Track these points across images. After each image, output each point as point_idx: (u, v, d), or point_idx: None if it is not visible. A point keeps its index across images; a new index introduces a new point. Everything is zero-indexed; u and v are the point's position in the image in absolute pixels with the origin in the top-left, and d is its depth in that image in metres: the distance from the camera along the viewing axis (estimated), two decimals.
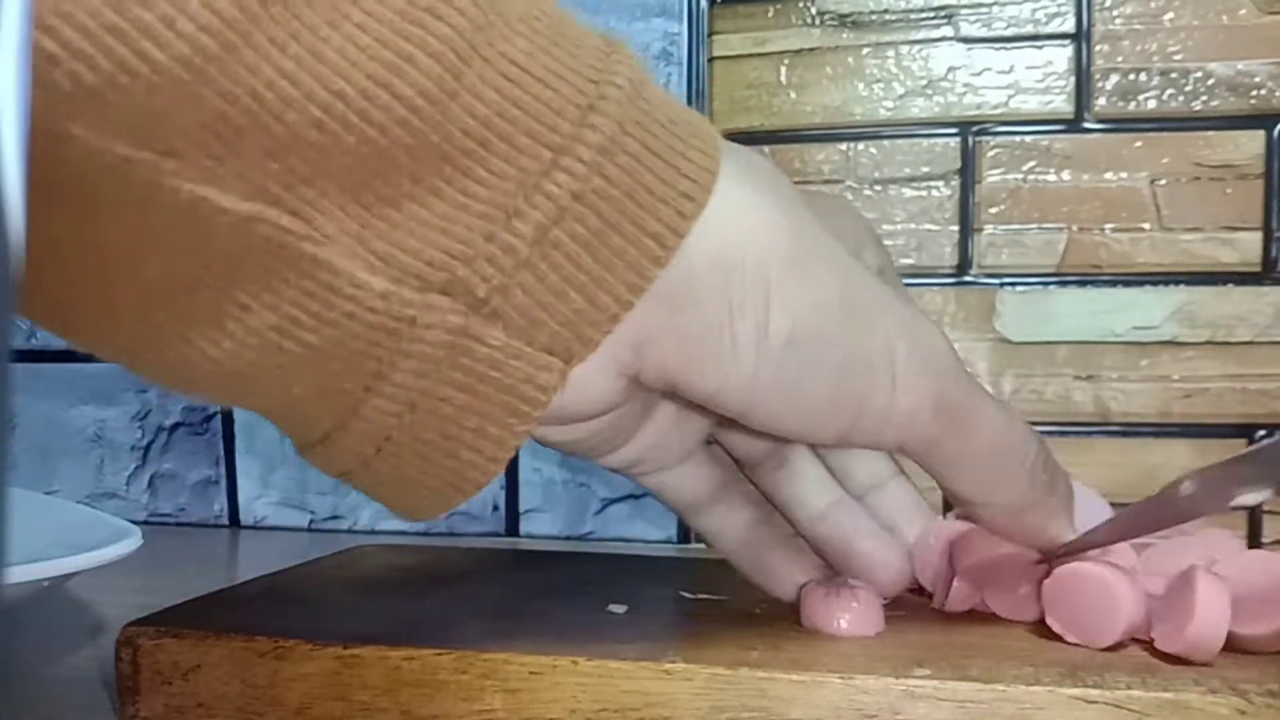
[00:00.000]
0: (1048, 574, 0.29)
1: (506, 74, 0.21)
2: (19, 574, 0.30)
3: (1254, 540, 0.49)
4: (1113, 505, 0.31)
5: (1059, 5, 0.51)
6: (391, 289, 0.21)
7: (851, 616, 0.28)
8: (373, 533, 0.59)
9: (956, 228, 0.52)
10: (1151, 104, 0.50)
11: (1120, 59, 0.50)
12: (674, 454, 0.30)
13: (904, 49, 0.52)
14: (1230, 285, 0.50)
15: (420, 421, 0.23)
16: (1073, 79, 0.51)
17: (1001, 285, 0.51)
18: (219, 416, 0.61)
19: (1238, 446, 0.49)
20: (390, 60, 0.19)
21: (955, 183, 0.52)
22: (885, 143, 0.52)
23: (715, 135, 0.24)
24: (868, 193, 0.52)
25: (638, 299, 0.23)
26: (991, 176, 0.51)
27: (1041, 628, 0.29)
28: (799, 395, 0.25)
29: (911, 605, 0.32)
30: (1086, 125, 0.51)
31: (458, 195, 0.21)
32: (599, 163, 0.22)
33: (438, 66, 0.20)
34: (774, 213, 0.24)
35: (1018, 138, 0.51)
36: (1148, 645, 0.27)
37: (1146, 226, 0.50)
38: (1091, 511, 0.30)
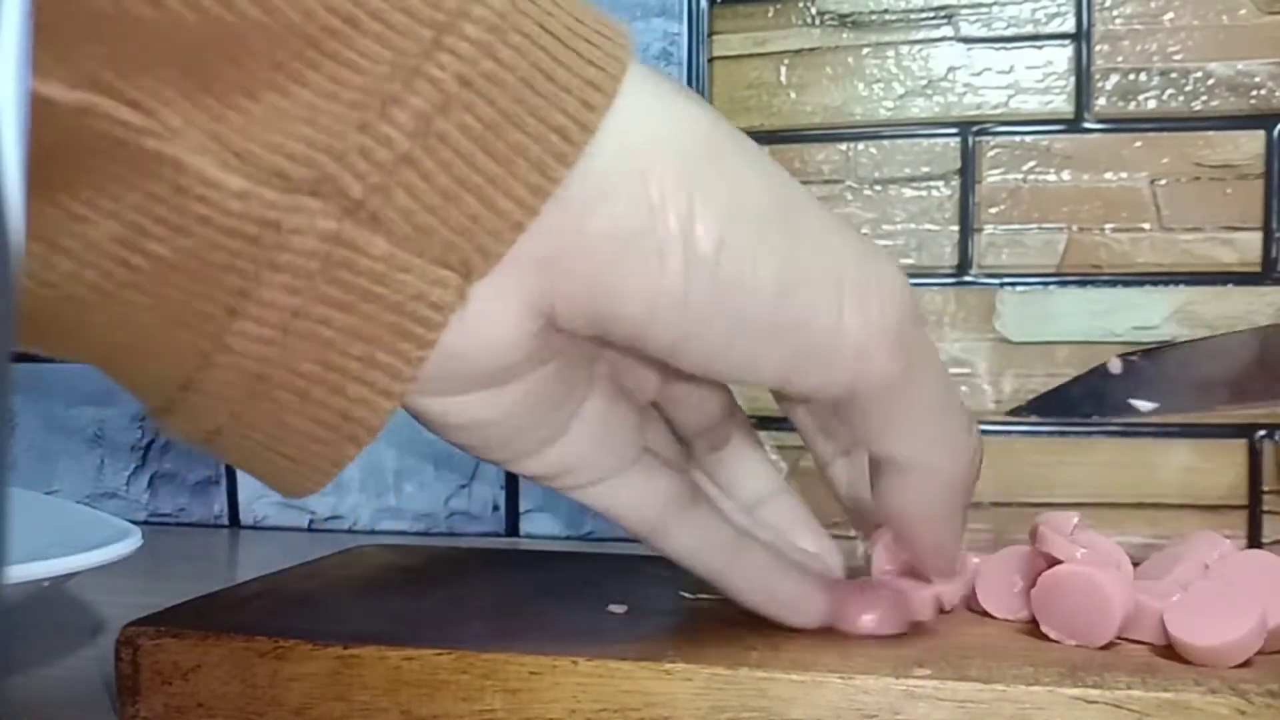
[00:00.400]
0: (1048, 566, 0.29)
1: None
2: (19, 574, 0.30)
3: (1254, 540, 0.49)
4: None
5: (1059, 5, 0.51)
6: (250, 188, 0.18)
7: (877, 615, 0.28)
8: (373, 533, 0.59)
9: (956, 228, 0.52)
10: (1151, 104, 0.50)
11: (1120, 59, 0.50)
12: (611, 456, 0.27)
13: (904, 49, 0.52)
14: (1230, 285, 0.50)
15: (297, 349, 0.20)
16: (1073, 79, 0.51)
17: (1001, 285, 0.51)
18: None
19: (1238, 447, 0.49)
20: None
21: (955, 183, 0.52)
22: (885, 143, 0.52)
23: (621, 24, 0.22)
24: (868, 193, 0.52)
25: (543, 203, 0.20)
26: (991, 176, 0.51)
27: (1040, 627, 0.29)
28: (739, 313, 0.22)
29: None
30: (1086, 125, 0.51)
31: (325, 82, 0.18)
32: (488, 42, 0.19)
33: None
34: (692, 109, 0.22)
35: (1018, 138, 0.51)
36: (1148, 645, 0.28)
37: (1146, 226, 0.50)
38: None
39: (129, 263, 0.19)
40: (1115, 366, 0.34)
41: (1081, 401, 0.40)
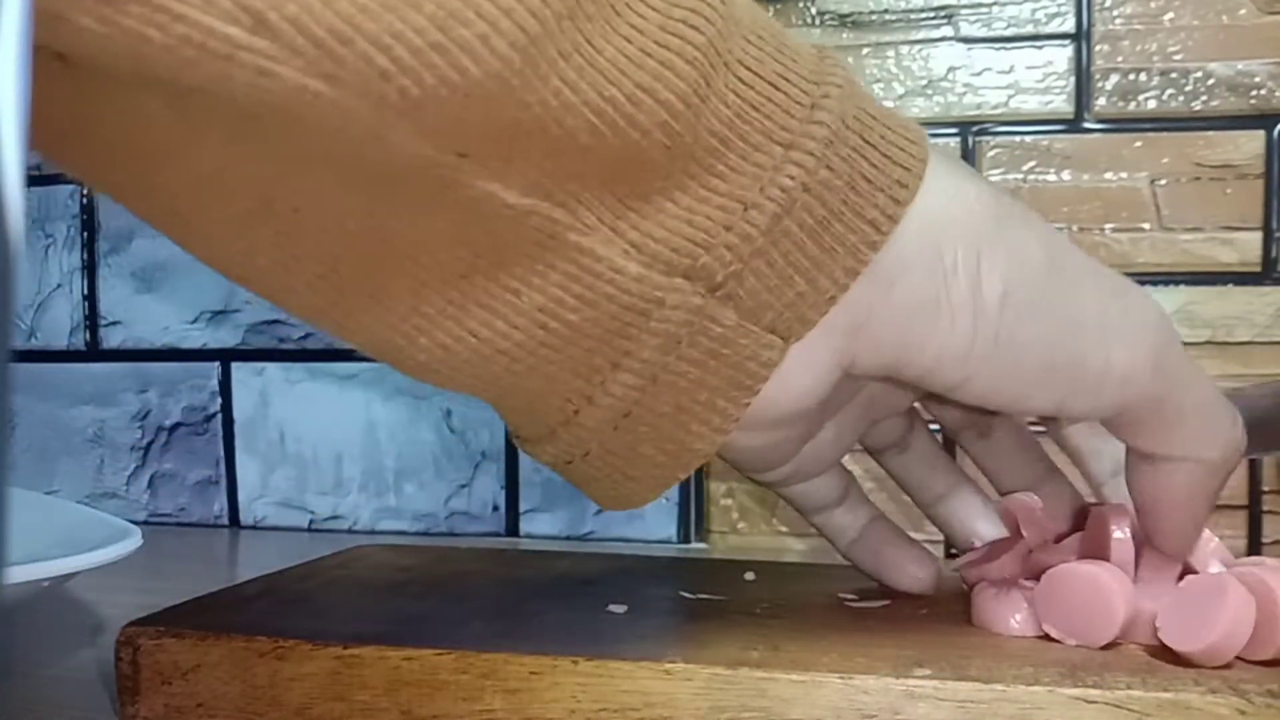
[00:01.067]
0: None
1: (743, 79, 0.23)
2: (19, 574, 0.30)
3: (1254, 539, 0.49)
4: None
5: (1059, 5, 0.51)
6: (645, 274, 0.23)
7: (1023, 616, 0.29)
8: (373, 533, 0.59)
9: None
10: (1151, 104, 0.50)
11: (1120, 59, 0.50)
12: (820, 468, 0.31)
13: (904, 49, 0.52)
14: (1230, 285, 0.50)
15: (659, 395, 0.25)
16: (1073, 79, 0.51)
17: None
18: (219, 416, 0.61)
19: None
20: (654, 68, 0.21)
21: None
22: None
23: (920, 128, 0.26)
24: None
25: (854, 281, 0.24)
26: (991, 176, 0.51)
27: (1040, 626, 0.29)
28: (1015, 360, 0.25)
29: (909, 603, 0.32)
30: (1086, 125, 0.51)
31: (700, 189, 0.23)
32: (825, 156, 0.24)
33: (694, 73, 0.22)
34: (975, 187, 0.26)
35: (1018, 138, 0.51)
36: (1148, 645, 0.27)
37: (1146, 226, 0.50)
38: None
39: (547, 326, 0.23)
40: None
41: None
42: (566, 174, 0.22)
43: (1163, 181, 0.50)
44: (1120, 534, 0.29)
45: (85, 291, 0.62)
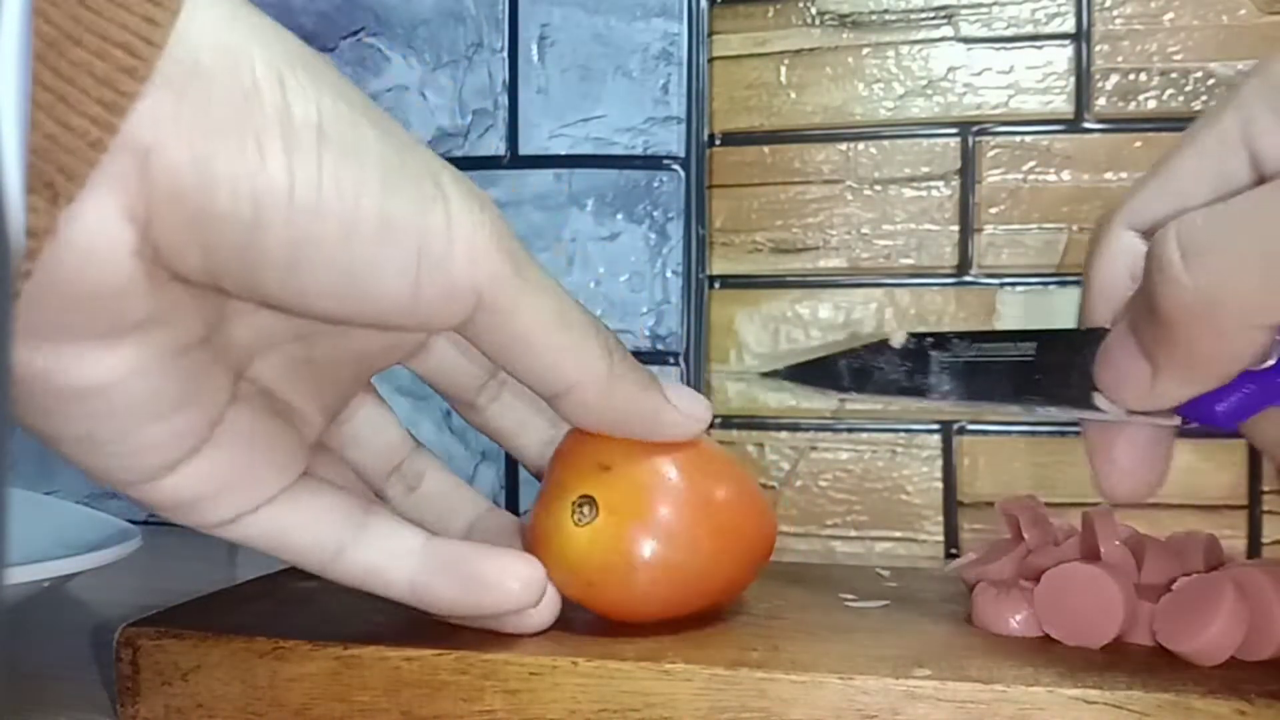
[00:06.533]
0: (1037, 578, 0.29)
1: None
2: (19, 574, 0.30)
3: (1253, 540, 0.49)
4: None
5: (1059, 5, 0.51)
6: None
7: (1023, 616, 0.29)
8: None
9: (956, 228, 0.52)
10: (1151, 104, 0.50)
11: (1120, 59, 0.50)
12: (271, 470, 0.26)
13: (904, 49, 0.52)
14: None
15: None
16: (1073, 79, 0.51)
17: (1001, 285, 0.51)
18: None
19: (1238, 447, 0.49)
20: None
21: (955, 183, 0.52)
22: (885, 143, 0.52)
23: None
24: (868, 193, 0.52)
25: (121, 120, 0.20)
26: (991, 176, 0.51)
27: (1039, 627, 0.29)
28: (346, 211, 0.22)
29: (909, 603, 0.32)
30: (1086, 125, 0.51)
31: None
32: None
33: None
34: (268, 18, 0.23)
35: (1018, 138, 0.51)
36: (1147, 646, 0.28)
37: None
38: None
39: None
40: (898, 340, 0.29)
41: (847, 374, 0.32)
42: None
43: None
44: (1111, 536, 0.29)
45: None
